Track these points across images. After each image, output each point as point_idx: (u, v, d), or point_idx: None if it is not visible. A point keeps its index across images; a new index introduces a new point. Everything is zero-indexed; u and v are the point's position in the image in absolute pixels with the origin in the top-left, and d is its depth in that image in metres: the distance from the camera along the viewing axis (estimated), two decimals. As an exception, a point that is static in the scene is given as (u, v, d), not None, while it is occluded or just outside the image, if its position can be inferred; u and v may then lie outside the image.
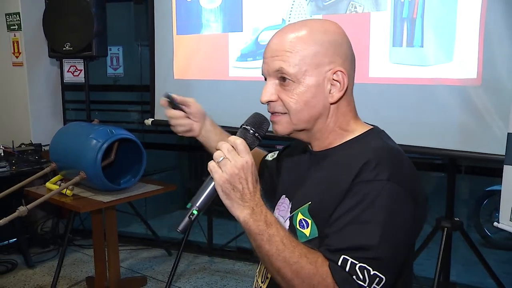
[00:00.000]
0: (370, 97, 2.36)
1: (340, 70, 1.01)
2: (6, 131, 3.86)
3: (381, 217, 0.89)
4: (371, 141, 1.02)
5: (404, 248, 0.95)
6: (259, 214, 0.92)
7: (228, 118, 3.06)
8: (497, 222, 1.91)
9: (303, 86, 1.00)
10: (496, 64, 2.06)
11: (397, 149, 1.02)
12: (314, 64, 0.99)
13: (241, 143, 0.94)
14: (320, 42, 1.00)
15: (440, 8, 2.18)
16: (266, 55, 1.04)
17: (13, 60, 3.80)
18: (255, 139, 1.01)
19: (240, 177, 0.92)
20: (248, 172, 0.92)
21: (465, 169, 3.41)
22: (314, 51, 0.99)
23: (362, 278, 0.87)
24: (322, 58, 1.00)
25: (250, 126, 1.02)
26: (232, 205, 0.93)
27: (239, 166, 0.92)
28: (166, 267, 3.46)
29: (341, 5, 2.45)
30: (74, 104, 4.07)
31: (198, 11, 3.04)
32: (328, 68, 1.00)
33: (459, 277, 3.14)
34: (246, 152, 0.94)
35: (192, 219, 0.94)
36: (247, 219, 0.92)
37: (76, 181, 2.55)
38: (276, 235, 0.91)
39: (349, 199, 0.92)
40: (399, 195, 0.91)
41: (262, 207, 0.93)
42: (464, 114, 2.16)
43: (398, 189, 0.91)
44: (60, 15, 3.38)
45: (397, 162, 0.97)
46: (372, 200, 0.89)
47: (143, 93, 4.08)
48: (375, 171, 0.92)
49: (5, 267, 3.44)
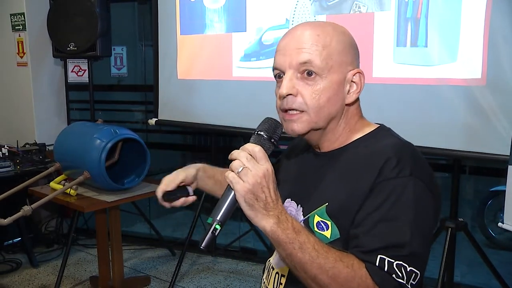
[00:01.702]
0: (374, 97, 2.35)
1: (360, 72, 1.03)
2: (10, 131, 3.87)
3: (409, 213, 0.89)
4: (384, 139, 1.02)
5: (430, 240, 0.96)
6: (285, 222, 0.89)
7: (232, 118, 3.08)
8: (502, 223, 1.91)
9: (328, 81, 0.99)
10: (501, 64, 2.05)
11: (411, 144, 1.02)
12: (338, 62, 1.00)
13: (259, 150, 0.91)
14: (343, 41, 1.02)
15: (444, 8, 2.17)
16: (288, 47, 1.01)
17: (18, 60, 3.82)
18: (271, 145, 0.97)
19: (262, 186, 0.88)
20: (269, 180, 0.89)
21: (469, 169, 3.40)
22: (339, 49, 1.00)
23: (401, 276, 0.87)
24: (346, 57, 1.01)
25: (264, 131, 0.97)
26: (256, 216, 0.90)
27: (261, 175, 0.88)
28: (170, 266, 3.46)
29: (345, 5, 2.45)
30: (78, 104, 4.08)
31: (202, 11, 3.05)
32: (350, 68, 1.02)
33: (463, 277, 3.13)
34: (266, 160, 0.90)
35: (216, 234, 0.91)
36: (275, 228, 0.89)
37: (80, 180, 2.56)
38: (307, 242, 0.88)
39: (374, 197, 0.92)
40: (422, 190, 0.92)
41: (286, 215, 0.91)
42: (469, 114, 2.15)
43: (420, 184, 0.92)
44: (65, 15, 3.39)
45: (416, 157, 0.97)
46: (398, 197, 0.90)
47: (147, 93, 4.09)
48: (397, 168, 0.92)
49: (9, 266, 3.45)
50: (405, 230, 0.88)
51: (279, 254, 0.93)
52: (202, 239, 0.91)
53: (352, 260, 0.89)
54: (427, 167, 0.99)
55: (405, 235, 0.88)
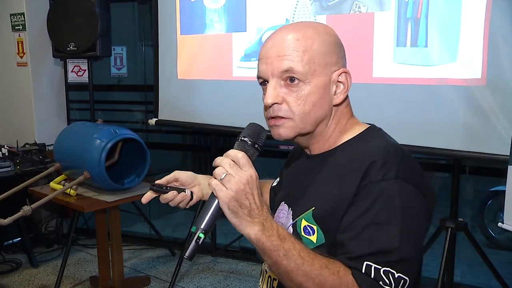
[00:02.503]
0: (374, 97, 2.36)
1: (345, 72, 1.01)
2: (10, 131, 3.87)
3: (397, 216, 0.87)
4: (372, 140, 1.00)
5: (421, 243, 0.93)
6: (270, 229, 0.88)
7: (232, 118, 3.08)
8: (502, 223, 1.91)
9: (312, 86, 0.98)
10: (501, 64, 2.05)
11: (399, 146, 1.00)
12: (322, 64, 0.98)
13: (243, 156, 0.89)
14: (326, 42, 0.99)
15: (444, 8, 2.17)
16: (268, 55, 1.00)
17: (18, 60, 3.82)
18: (255, 151, 0.96)
19: (246, 192, 0.87)
20: (253, 187, 0.88)
21: (469, 169, 3.39)
22: (322, 50, 0.98)
23: (388, 283, 0.85)
24: (330, 58, 0.99)
25: (248, 137, 0.95)
26: (241, 223, 0.89)
27: (244, 181, 0.87)
28: (170, 266, 3.46)
29: (345, 5, 2.45)
30: (78, 104, 4.08)
31: (202, 11, 3.05)
32: (335, 69, 1.00)
33: (463, 277, 3.13)
34: (249, 166, 0.89)
35: (200, 243, 0.89)
36: (259, 236, 0.87)
37: (80, 180, 2.56)
38: (292, 249, 0.87)
39: (360, 202, 0.90)
40: (409, 192, 0.90)
41: (271, 221, 0.89)
42: (469, 114, 2.15)
43: (407, 186, 0.90)
44: (64, 15, 3.39)
45: (401, 159, 0.95)
46: (385, 201, 0.88)
47: (147, 93, 4.09)
48: (382, 171, 0.90)
49: (9, 266, 3.45)
50: (393, 234, 0.86)
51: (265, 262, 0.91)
52: (186, 248, 0.89)
53: (339, 267, 0.87)
54: (417, 168, 0.97)
55: (393, 239, 0.86)
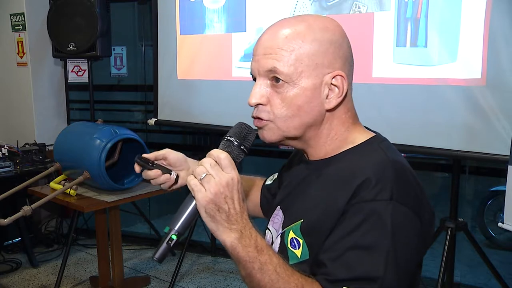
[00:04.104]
0: (374, 97, 2.35)
1: (340, 74, 0.90)
2: (10, 131, 3.87)
3: (385, 241, 0.79)
4: (371, 153, 0.90)
5: (410, 271, 0.85)
6: (248, 238, 0.82)
7: (232, 118, 3.06)
8: (502, 223, 1.91)
9: (297, 89, 0.89)
10: (501, 64, 2.05)
11: (400, 162, 0.89)
12: (311, 65, 0.89)
13: (225, 157, 0.83)
14: (319, 40, 0.89)
15: (444, 8, 2.17)
16: (257, 52, 0.92)
17: (18, 60, 3.82)
18: (240, 152, 0.90)
19: (225, 196, 0.81)
20: (234, 190, 0.82)
21: (469, 169, 3.40)
22: (312, 50, 0.88)
23: None
24: (321, 59, 0.89)
25: (234, 137, 0.90)
26: (218, 229, 0.82)
27: (224, 184, 0.81)
28: (170, 267, 3.46)
29: (345, 5, 2.45)
30: (78, 104, 4.08)
31: (202, 11, 3.05)
32: (328, 71, 0.90)
33: (463, 277, 3.13)
34: (232, 168, 0.83)
35: (171, 245, 0.83)
36: (235, 244, 0.81)
37: (80, 180, 2.56)
38: (269, 263, 0.81)
39: (347, 221, 0.82)
40: (403, 215, 0.82)
41: (251, 230, 0.83)
42: (469, 114, 2.15)
43: (402, 209, 0.82)
44: (64, 15, 3.40)
45: (400, 178, 0.85)
46: (374, 223, 0.80)
47: (146, 93, 4.10)
48: (375, 190, 0.82)
49: (9, 266, 3.45)
50: (379, 261, 0.78)
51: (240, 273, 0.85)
52: (156, 250, 0.84)
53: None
54: (416, 188, 0.87)
55: (378, 267, 0.78)
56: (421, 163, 3.39)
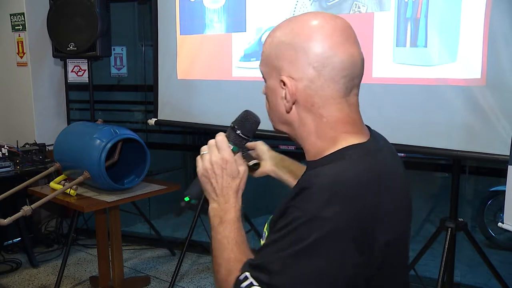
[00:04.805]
0: (374, 97, 2.35)
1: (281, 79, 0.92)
2: (10, 131, 3.87)
3: (294, 249, 0.80)
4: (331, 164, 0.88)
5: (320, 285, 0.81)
6: (220, 211, 0.96)
7: (231, 118, 3.06)
8: (502, 223, 1.91)
9: (267, 87, 0.98)
10: (501, 64, 2.05)
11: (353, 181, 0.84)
12: (271, 66, 0.94)
13: (220, 140, 0.99)
14: (280, 43, 0.92)
15: (444, 8, 2.17)
16: None
17: (18, 60, 3.82)
18: (237, 137, 1.01)
19: (213, 172, 0.97)
20: (219, 168, 0.96)
21: (469, 169, 3.40)
22: (273, 52, 0.93)
23: None
24: (279, 62, 0.92)
25: (234, 123, 1.02)
26: (208, 195, 0.99)
27: (213, 161, 0.97)
28: (170, 266, 3.46)
29: (345, 5, 2.45)
30: (78, 104, 4.08)
31: (202, 11, 3.05)
32: (283, 74, 0.92)
33: (463, 277, 3.13)
34: (223, 149, 0.97)
35: (182, 205, 1.03)
36: (210, 211, 0.97)
37: (79, 180, 2.56)
38: (220, 233, 0.93)
39: (281, 219, 0.85)
40: (329, 234, 0.79)
41: (226, 205, 0.96)
42: (469, 114, 2.15)
43: (329, 227, 0.79)
44: (64, 15, 3.40)
45: (339, 197, 0.81)
46: (293, 229, 0.81)
47: (146, 93, 4.09)
48: (305, 200, 0.82)
49: (9, 266, 3.45)
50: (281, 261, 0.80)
51: None
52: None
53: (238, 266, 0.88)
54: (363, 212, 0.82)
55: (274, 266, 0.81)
56: (421, 163, 3.39)
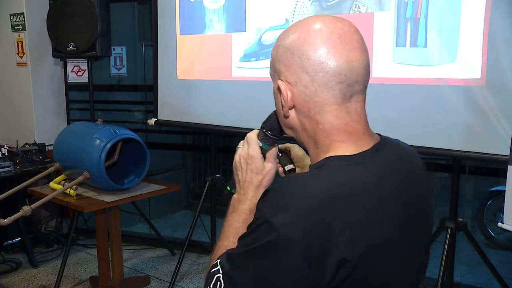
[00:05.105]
0: (373, 97, 2.33)
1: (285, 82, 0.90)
2: (10, 131, 3.87)
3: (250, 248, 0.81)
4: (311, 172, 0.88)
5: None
6: (236, 201, 1.01)
7: (232, 118, 3.08)
8: (501, 223, 1.91)
9: (273, 91, 0.96)
10: (501, 64, 2.05)
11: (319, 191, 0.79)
12: (274, 69, 0.94)
13: (250, 136, 1.03)
14: (281, 47, 0.91)
15: (444, 8, 2.17)
16: None
17: (17, 60, 3.82)
18: (264, 135, 1.04)
19: (241, 165, 1.03)
20: (245, 163, 1.02)
21: (469, 169, 3.40)
22: (275, 54, 0.93)
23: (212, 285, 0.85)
24: (279, 65, 0.91)
25: (263, 123, 1.05)
26: (237, 183, 1.04)
27: (241, 155, 1.03)
28: (170, 266, 3.46)
29: (345, 5, 2.45)
30: (78, 104, 4.08)
31: (202, 11, 3.05)
32: (279, 77, 0.92)
33: (463, 277, 3.13)
34: (251, 145, 1.02)
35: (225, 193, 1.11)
36: (232, 200, 1.03)
37: (79, 181, 2.56)
38: (228, 221, 0.99)
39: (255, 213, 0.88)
40: (277, 241, 0.77)
41: (244, 197, 1.01)
42: (468, 114, 2.15)
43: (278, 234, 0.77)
44: (64, 15, 3.40)
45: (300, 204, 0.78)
46: (254, 228, 0.82)
47: (146, 93, 4.09)
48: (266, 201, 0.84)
49: (9, 266, 3.45)
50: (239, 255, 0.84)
51: None
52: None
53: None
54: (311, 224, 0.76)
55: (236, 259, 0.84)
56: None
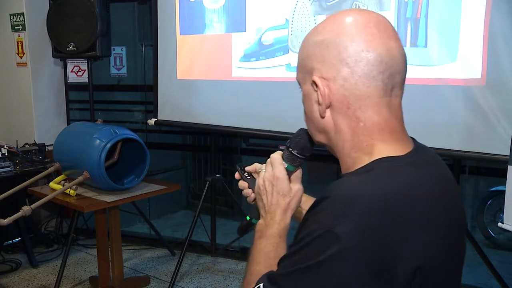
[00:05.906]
0: (374, 97, 2.35)
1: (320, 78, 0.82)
2: (10, 131, 3.87)
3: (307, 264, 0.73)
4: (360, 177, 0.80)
5: None
6: (263, 226, 0.95)
7: (231, 118, 3.08)
8: (501, 223, 1.91)
9: (303, 95, 0.89)
10: (501, 64, 2.05)
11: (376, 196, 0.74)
12: (304, 71, 0.86)
13: (274, 157, 0.97)
14: (309, 44, 0.85)
15: (444, 8, 2.17)
16: None
17: (17, 60, 3.82)
18: (290, 155, 0.95)
19: (265, 189, 0.95)
20: (270, 185, 0.94)
21: (469, 169, 3.40)
22: (305, 55, 0.86)
23: None
24: (310, 63, 0.84)
25: (289, 141, 0.97)
26: (260, 210, 0.97)
27: (265, 178, 0.96)
28: (170, 267, 3.46)
29: (345, 5, 2.45)
30: (78, 104, 4.08)
31: (202, 11, 3.05)
32: (311, 75, 0.84)
33: (463, 277, 3.12)
34: (275, 166, 0.95)
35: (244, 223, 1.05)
36: (256, 227, 0.97)
37: (79, 181, 2.56)
38: (256, 247, 0.93)
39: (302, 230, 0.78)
40: (340, 253, 0.71)
41: (272, 221, 0.94)
42: (469, 114, 2.15)
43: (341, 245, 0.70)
44: (64, 15, 3.40)
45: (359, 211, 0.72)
46: (310, 242, 0.74)
47: (146, 93, 4.09)
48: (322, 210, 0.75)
49: (9, 266, 3.45)
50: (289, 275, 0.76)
51: None
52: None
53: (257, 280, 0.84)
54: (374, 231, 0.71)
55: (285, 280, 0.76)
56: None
